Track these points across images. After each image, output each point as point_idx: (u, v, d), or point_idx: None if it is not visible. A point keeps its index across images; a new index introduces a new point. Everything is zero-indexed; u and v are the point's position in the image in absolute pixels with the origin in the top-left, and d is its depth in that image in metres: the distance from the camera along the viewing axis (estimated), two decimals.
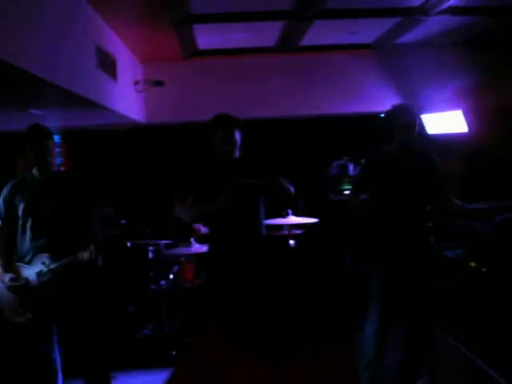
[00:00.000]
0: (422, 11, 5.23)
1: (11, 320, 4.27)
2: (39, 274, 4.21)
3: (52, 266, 4.18)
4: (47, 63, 3.64)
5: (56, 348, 4.47)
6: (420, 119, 4.89)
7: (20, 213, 4.32)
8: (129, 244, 6.57)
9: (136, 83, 6.64)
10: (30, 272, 4.24)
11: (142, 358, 5.96)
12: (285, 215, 6.41)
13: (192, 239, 6.33)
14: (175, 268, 6.45)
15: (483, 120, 6.30)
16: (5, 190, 4.44)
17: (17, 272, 4.28)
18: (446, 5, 4.98)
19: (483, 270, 5.30)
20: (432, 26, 5.75)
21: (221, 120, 4.81)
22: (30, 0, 3.33)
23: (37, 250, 4.26)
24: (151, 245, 6.60)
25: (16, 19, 3.11)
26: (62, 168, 7.15)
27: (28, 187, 4.37)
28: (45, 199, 4.30)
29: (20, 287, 4.23)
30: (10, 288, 4.23)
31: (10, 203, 4.38)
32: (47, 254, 4.21)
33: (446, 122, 6.82)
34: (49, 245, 4.25)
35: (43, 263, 4.20)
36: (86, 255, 4.17)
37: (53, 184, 4.36)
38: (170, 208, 7.62)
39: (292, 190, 4.88)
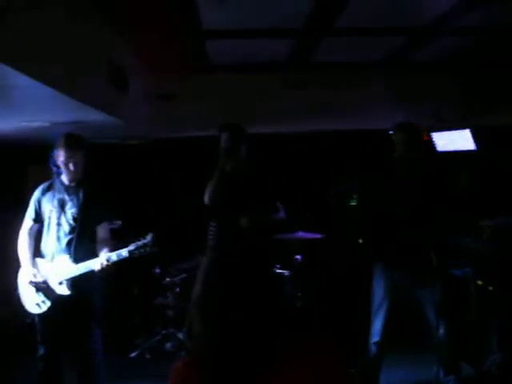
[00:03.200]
0: (431, 31, 5.27)
1: (30, 311, 4.59)
2: (58, 274, 4.48)
3: (73, 273, 4.43)
4: (56, 74, 3.68)
5: (59, 351, 4.72)
6: (420, 136, 4.93)
7: (47, 214, 4.63)
8: None
9: (147, 96, 6.67)
10: (50, 270, 4.52)
11: (146, 370, 5.98)
12: (293, 230, 6.43)
13: None
14: (181, 281, 6.47)
15: (491, 138, 6.33)
16: (36, 193, 4.75)
17: (38, 269, 4.58)
18: (454, 25, 5.01)
19: (490, 288, 5.31)
20: (441, 45, 5.78)
21: (223, 125, 5.19)
22: (41, 13, 3.36)
23: (59, 251, 4.54)
24: (158, 257, 6.62)
25: (28, 31, 3.15)
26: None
27: (55, 192, 4.68)
28: (67, 205, 4.60)
29: (39, 283, 4.50)
30: (30, 283, 4.51)
31: (39, 205, 4.70)
32: (68, 256, 4.47)
33: (454, 139, 6.85)
34: (71, 248, 4.51)
35: (62, 265, 4.46)
36: (97, 265, 4.38)
37: (76, 191, 4.66)
38: (177, 220, 7.70)
39: (283, 216, 5.20)
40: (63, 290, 4.45)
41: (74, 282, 4.45)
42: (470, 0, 4.41)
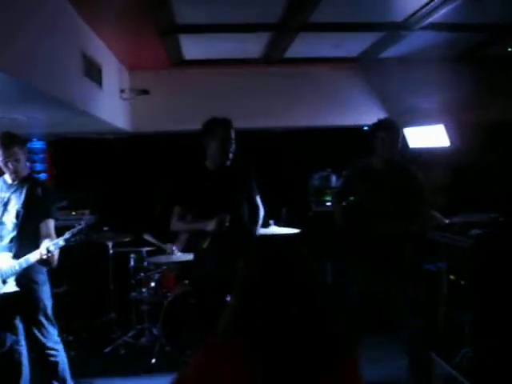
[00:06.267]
0: (405, 26, 5.30)
1: None
2: (1, 272, 4.41)
3: (14, 268, 4.38)
4: (31, 69, 3.67)
5: (22, 342, 4.71)
6: (402, 134, 4.99)
7: None
8: (110, 251, 6.58)
9: (122, 91, 6.66)
10: None
11: (121, 365, 5.97)
12: (267, 225, 6.42)
13: (174, 247, 6.36)
14: (156, 276, 6.46)
15: (464, 135, 6.38)
16: None
17: None
18: (427, 21, 5.05)
19: (462, 282, 5.36)
20: (416, 40, 5.83)
21: (222, 122, 4.82)
22: (13, 6, 3.34)
23: (1, 249, 4.49)
24: (133, 252, 6.62)
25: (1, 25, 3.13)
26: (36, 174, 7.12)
27: None
28: (10, 203, 4.55)
29: None
30: None
31: None
32: (9, 253, 4.44)
33: (427, 135, 6.89)
34: (12, 245, 4.48)
35: (4, 262, 4.41)
36: (35, 256, 4.34)
37: (19, 189, 4.59)
38: (154, 215, 7.69)
39: (262, 213, 4.97)
40: (8, 288, 4.40)
41: (17, 278, 4.41)
42: None
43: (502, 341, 4.82)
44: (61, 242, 4.36)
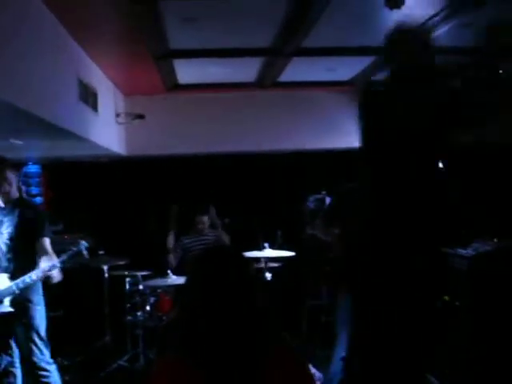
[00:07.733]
0: None
1: None
2: None
3: (11, 289, 4.41)
4: (28, 95, 3.70)
5: (17, 364, 4.67)
6: None
7: None
8: (106, 275, 6.57)
9: (117, 115, 6.71)
10: None
11: None
12: (261, 248, 6.43)
13: (169, 271, 6.35)
14: (152, 299, 6.44)
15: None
16: None
17: None
18: None
19: (457, 303, 5.37)
20: None
21: None
22: (12, 33, 3.39)
23: None
24: (128, 276, 6.61)
25: None
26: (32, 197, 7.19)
27: None
28: (3, 226, 4.57)
29: None
30: None
31: None
32: (7, 275, 4.46)
33: None
34: (8, 266, 4.52)
35: (3, 283, 4.42)
36: (34, 275, 4.40)
37: (11, 212, 4.60)
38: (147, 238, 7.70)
39: None
40: (3, 308, 4.42)
41: (14, 298, 4.44)
42: (437, 20, 4.52)
43: (498, 361, 4.83)
44: (57, 263, 4.44)
